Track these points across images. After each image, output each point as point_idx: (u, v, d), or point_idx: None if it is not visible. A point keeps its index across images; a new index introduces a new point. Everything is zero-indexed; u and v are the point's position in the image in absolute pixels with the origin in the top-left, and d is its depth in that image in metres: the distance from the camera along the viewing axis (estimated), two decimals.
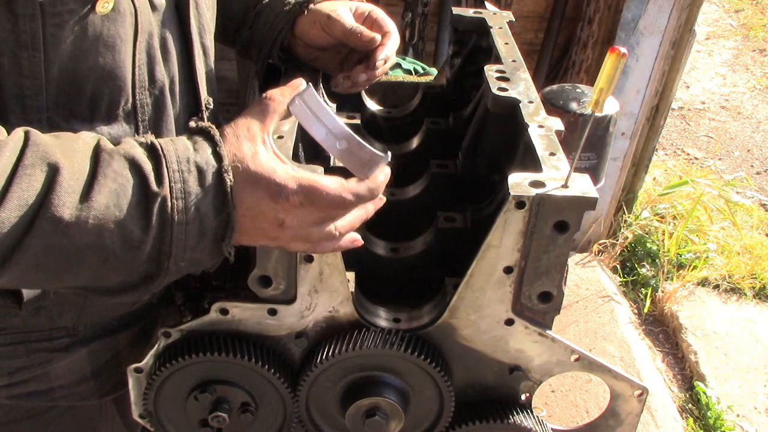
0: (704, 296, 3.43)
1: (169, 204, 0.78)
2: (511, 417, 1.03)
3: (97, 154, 0.78)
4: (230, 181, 0.80)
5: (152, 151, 0.80)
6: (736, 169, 4.73)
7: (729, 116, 5.40)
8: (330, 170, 1.23)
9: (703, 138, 5.09)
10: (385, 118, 1.49)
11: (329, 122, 0.89)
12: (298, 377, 1.02)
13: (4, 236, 0.72)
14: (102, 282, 0.83)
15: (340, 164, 1.25)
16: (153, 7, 0.95)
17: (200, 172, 0.80)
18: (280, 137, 0.99)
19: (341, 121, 0.89)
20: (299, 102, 0.88)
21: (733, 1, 7.37)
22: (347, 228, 0.88)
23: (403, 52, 3.24)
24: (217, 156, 0.81)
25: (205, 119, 1.12)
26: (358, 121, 1.40)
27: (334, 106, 1.34)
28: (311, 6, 1.19)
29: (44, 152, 0.75)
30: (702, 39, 6.45)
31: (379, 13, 1.18)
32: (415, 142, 1.40)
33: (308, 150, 1.23)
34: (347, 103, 1.44)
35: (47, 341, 1.08)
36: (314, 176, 0.84)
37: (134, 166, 0.78)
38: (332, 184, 0.84)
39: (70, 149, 0.77)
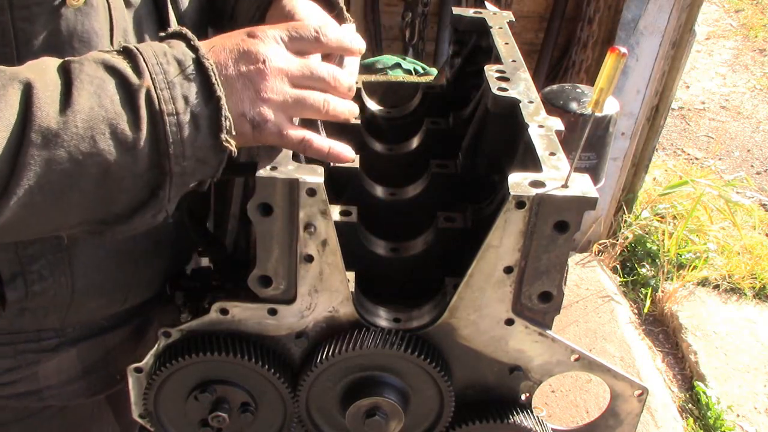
0: (704, 296, 3.43)
1: (155, 95, 0.77)
2: (511, 417, 1.03)
3: (65, 66, 0.77)
4: (211, 66, 0.79)
5: (126, 52, 0.79)
6: (736, 169, 4.73)
7: (729, 116, 5.40)
8: (331, 170, 1.24)
9: (703, 138, 5.09)
10: (385, 118, 1.49)
11: None
12: (298, 377, 1.02)
13: None
14: (111, 203, 0.80)
15: (341, 164, 1.26)
16: (127, 3, 0.94)
17: (179, 63, 0.79)
18: None
19: None
20: None
21: (733, 1, 7.37)
22: (335, 76, 0.88)
23: (403, 52, 3.24)
24: (193, 48, 0.81)
25: None
26: (358, 122, 1.40)
27: None
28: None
29: (12, 73, 0.73)
30: (702, 39, 6.45)
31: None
32: (415, 142, 1.40)
33: None
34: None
35: (35, 342, 1.07)
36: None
37: (108, 67, 0.77)
38: (313, 22, 0.87)
39: (38, 67, 0.76)
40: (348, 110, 0.93)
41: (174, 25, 1.03)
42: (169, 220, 0.88)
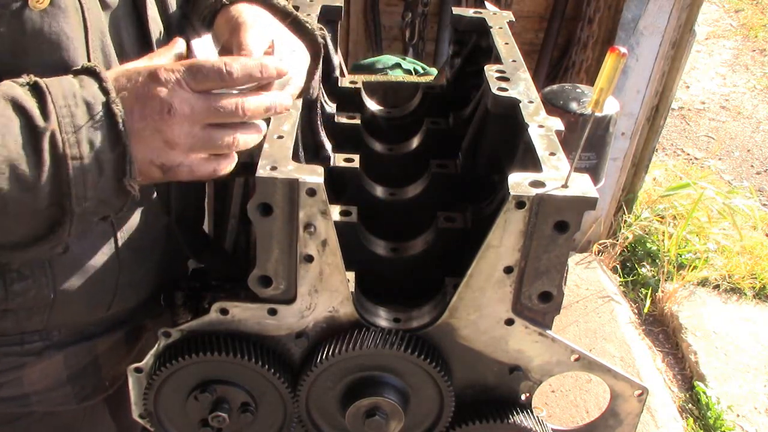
0: (704, 296, 3.43)
1: (59, 138, 0.77)
2: (511, 417, 1.03)
3: None
4: (120, 112, 0.79)
5: (35, 89, 0.79)
6: (737, 169, 4.73)
7: (729, 116, 5.40)
8: (331, 170, 1.24)
9: (703, 138, 5.09)
10: (385, 118, 1.49)
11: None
12: (298, 377, 1.02)
13: None
14: (8, 235, 0.81)
15: (339, 164, 1.26)
16: (104, 4, 0.93)
17: (89, 106, 0.79)
18: (280, 137, 0.99)
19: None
20: (198, 41, 0.92)
21: (733, 1, 7.37)
22: (238, 113, 0.85)
23: (403, 52, 3.24)
24: (104, 90, 0.80)
25: None
26: (358, 121, 1.40)
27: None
28: (230, 9, 1.08)
29: None
30: (702, 39, 6.45)
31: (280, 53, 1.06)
32: (415, 142, 1.40)
33: (308, 151, 1.23)
34: (348, 104, 1.44)
35: (18, 345, 1.05)
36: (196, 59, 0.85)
37: (16, 105, 0.77)
38: (215, 60, 0.84)
39: None
40: (254, 139, 0.91)
41: (153, 25, 1.02)
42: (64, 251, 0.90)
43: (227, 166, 0.90)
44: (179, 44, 0.91)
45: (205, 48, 0.93)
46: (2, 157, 0.75)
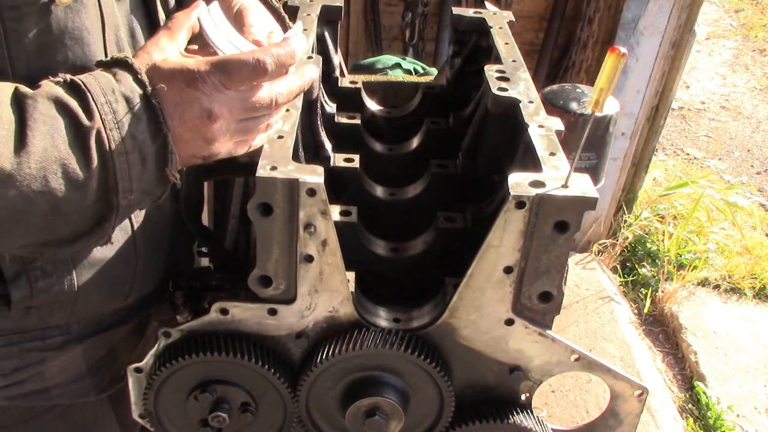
0: (704, 296, 3.43)
1: (105, 135, 0.78)
2: (511, 417, 1.03)
3: (19, 101, 0.77)
4: (157, 103, 0.81)
5: (74, 88, 0.80)
6: (737, 169, 4.73)
7: (729, 116, 5.40)
8: (331, 170, 1.24)
9: (703, 138, 5.09)
10: (385, 118, 1.49)
11: (234, 38, 0.92)
12: (298, 377, 1.02)
13: None
14: (55, 233, 0.83)
15: (339, 164, 1.26)
16: None
17: (128, 101, 0.80)
18: (280, 137, 0.99)
19: (244, 40, 0.93)
20: (207, 15, 0.92)
21: (733, 1, 7.38)
22: (274, 103, 0.88)
23: (403, 52, 3.24)
24: (140, 83, 0.81)
25: None
26: (358, 121, 1.40)
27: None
28: None
29: None
30: (702, 39, 6.45)
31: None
32: (415, 142, 1.40)
33: (308, 151, 1.23)
34: (348, 104, 1.44)
35: (40, 340, 1.07)
36: (226, 56, 0.85)
37: (60, 105, 0.78)
38: (245, 54, 0.84)
39: None
40: (281, 115, 0.95)
41: (162, 16, 1.03)
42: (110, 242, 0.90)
43: (261, 140, 0.93)
44: (192, 18, 0.91)
45: (215, 22, 0.93)
46: (54, 157, 0.76)
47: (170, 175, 0.84)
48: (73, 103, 0.78)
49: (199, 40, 0.95)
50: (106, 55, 0.92)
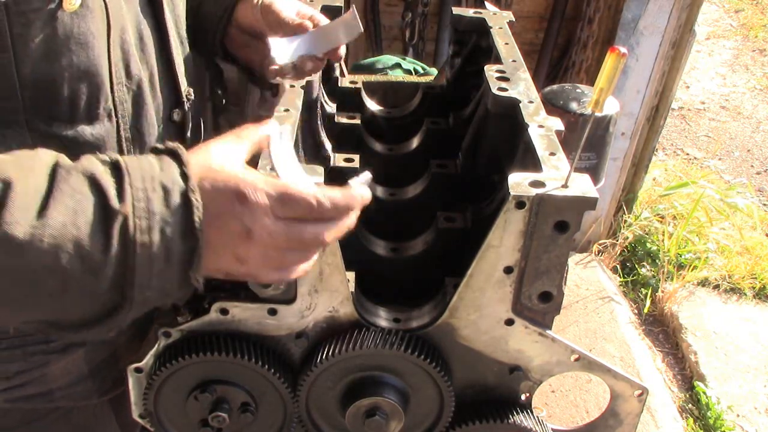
0: (704, 296, 3.43)
1: (131, 223, 0.73)
2: (511, 417, 1.03)
3: (54, 170, 0.74)
4: (197, 201, 0.75)
5: (115, 168, 0.76)
6: (736, 169, 4.73)
7: (729, 116, 5.40)
8: (331, 170, 1.24)
9: (703, 138, 5.09)
10: (385, 118, 1.49)
11: (296, 167, 0.89)
12: (298, 377, 1.02)
13: None
14: (64, 314, 0.78)
15: (339, 164, 1.26)
16: None
17: (166, 192, 0.75)
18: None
19: (305, 173, 0.89)
20: (277, 136, 0.88)
21: (733, 1, 7.38)
22: (318, 243, 0.83)
23: (403, 52, 3.24)
24: (184, 176, 0.76)
25: (187, 111, 1.11)
26: (358, 121, 1.40)
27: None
28: None
29: None
30: (702, 39, 6.45)
31: (321, 18, 1.14)
32: (415, 142, 1.40)
33: (308, 151, 1.23)
34: (348, 103, 1.45)
35: (44, 344, 1.07)
36: (288, 182, 0.79)
37: (94, 183, 0.74)
38: (307, 188, 0.80)
39: (26, 166, 0.73)
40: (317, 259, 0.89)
41: (168, 15, 1.03)
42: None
43: (296, 273, 0.86)
44: (262, 134, 0.87)
45: (283, 147, 0.89)
46: (71, 235, 0.71)
47: (194, 279, 0.78)
48: (108, 183, 0.74)
49: (261, 160, 0.91)
50: (109, 60, 0.92)
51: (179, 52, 1.08)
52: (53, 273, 0.72)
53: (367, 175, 0.86)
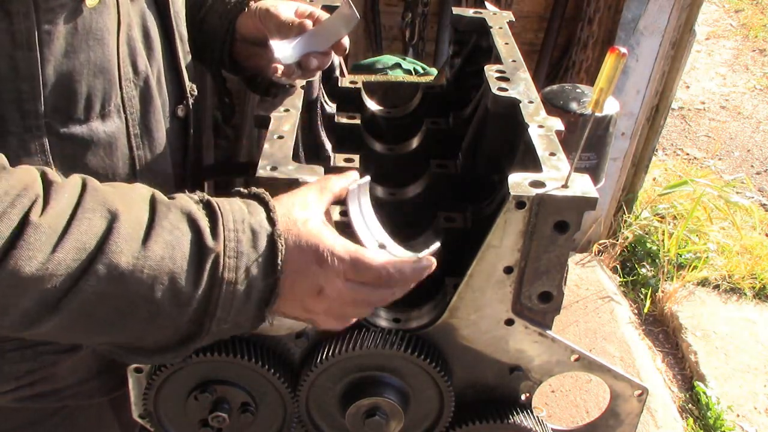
0: (704, 296, 3.43)
1: (222, 262, 0.77)
2: (511, 417, 1.03)
3: (153, 205, 0.77)
4: (282, 245, 0.80)
5: (209, 208, 0.80)
6: (737, 169, 4.73)
7: (729, 116, 5.40)
8: (329, 170, 1.24)
9: (703, 138, 5.09)
10: (385, 118, 1.49)
11: (371, 222, 0.93)
12: (298, 377, 1.02)
13: (60, 278, 0.70)
14: (144, 340, 0.81)
15: (339, 164, 1.26)
16: None
17: (254, 234, 0.79)
18: (280, 137, 0.99)
19: (380, 227, 0.93)
20: (356, 189, 0.92)
21: (733, 1, 7.38)
22: (381, 304, 0.89)
23: (403, 52, 3.24)
24: (271, 221, 0.81)
25: (191, 106, 1.13)
26: (358, 121, 1.40)
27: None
28: (252, 4, 1.17)
29: (104, 198, 0.74)
30: (702, 39, 6.45)
31: (321, 13, 1.16)
32: (415, 142, 1.40)
33: (309, 151, 1.23)
34: (348, 104, 1.44)
35: (53, 344, 1.07)
36: (362, 249, 0.85)
37: (191, 220, 0.78)
38: (379, 257, 0.85)
39: (128, 198, 0.76)
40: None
41: (173, 12, 1.04)
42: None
43: (347, 325, 0.91)
44: (343, 185, 0.91)
45: (360, 200, 0.94)
46: (168, 268, 0.75)
47: (267, 317, 0.83)
48: (203, 222, 0.78)
49: (340, 208, 0.96)
50: (118, 56, 0.93)
51: (180, 48, 1.09)
52: (147, 302, 0.75)
53: (436, 246, 0.90)
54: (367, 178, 0.94)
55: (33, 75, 0.84)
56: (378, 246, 0.90)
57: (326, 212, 0.87)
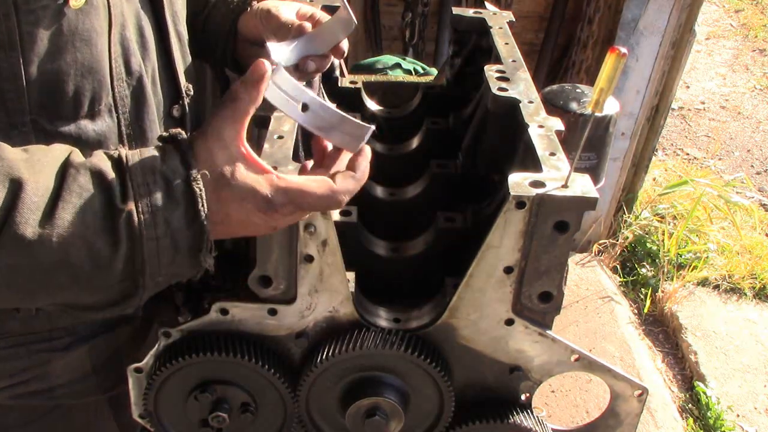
0: (704, 296, 3.43)
1: (136, 219, 0.75)
2: (511, 417, 1.03)
3: (65, 168, 0.75)
4: (199, 190, 0.77)
5: (119, 164, 0.77)
6: (737, 169, 4.73)
7: (729, 116, 5.40)
8: None
9: (703, 138, 5.09)
10: (385, 118, 1.49)
11: (308, 100, 0.88)
12: (298, 377, 1.02)
13: None
14: (82, 301, 0.81)
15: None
16: None
17: (167, 183, 0.77)
18: (281, 137, 0.99)
19: (319, 97, 0.89)
20: (273, 87, 0.85)
21: (733, 1, 7.38)
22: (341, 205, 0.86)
23: (403, 52, 3.24)
24: (185, 163, 0.78)
25: (186, 106, 1.12)
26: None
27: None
28: (254, 4, 1.17)
29: (8, 167, 0.72)
30: (702, 39, 6.45)
31: (322, 15, 1.16)
32: (415, 142, 1.40)
33: (309, 151, 1.23)
34: (348, 103, 1.44)
35: (47, 341, 1.07)
36: (300, 181, 0.81)
37: (100, 181, 0.75)
38: (320, 187, 0.82)
39: (38, 164, 0.74)
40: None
41: (167, 12, 1.04)
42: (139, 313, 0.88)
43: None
44: (263, 69, 0.83)
45: (282, 89, 0.87)
46: (80, 233, 0.74)
47: (203, 261, 0.81)
48: (114, 181, 0.76)
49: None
50: (110, 56, 0.93)
51: (177, 48, 1.08)
52: (63, 268, 0.74)
53: (368, 151, 0.88)
54: (273, 67, 0.85)
55: (16, 75, 0.83)
56: (301, 108, 0.86)
57: (241, 138, 0.81)
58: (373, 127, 0.87)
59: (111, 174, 0.76)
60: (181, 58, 1.10)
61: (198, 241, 0.79)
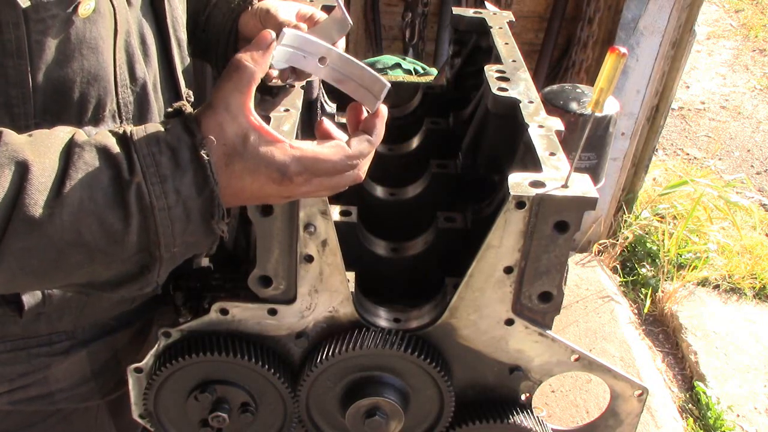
0: (704, 296, 3.43)
1: (146, 190, 0.75)
2: (511, 417, 1.03)
3: (69, 147, 0.76)
4: (206, 155, 0.77)
5: (123, 139, 0.78)
6: (737, 169, 4.73)
7: (729, 116, 5.40)
8: None
9: (703, 138, 5.09)
10: None
11: (325, 52, 0.87)
12: (298, 377, 1.02)
13: None
14: (99, 278, 0.81)
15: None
16: (129, 2, 0.95)
17: (173, 152, 0.77)
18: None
19: (336, 48, 0.88)
20: (282, 49, 0.84)
21: (733, 1, 7.37)
22: (359, 175, 0.86)
23: (403, 52, 3.24)
24: (189, 132, 0.78)
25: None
26: None
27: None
28: (255, 3, 1.17)
29: (13, 151, 0.73)
30: (702, 39, 6.45)
31: (321, 15, 1.15)
32: (415, 142, 1.40)
33: None
34: (348, 103, 1.44)
35: (47, 346, 1.07)
36: (314, 148, 0.81)
37: (106, 156, 0.76)
38: (335, 153, 0.81)
39: (42, 145, 0.75)
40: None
41: (169, 19, 1.04)
42: (158, 291, 0.88)
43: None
44: (268, 37, 0.83)
45: (298, 53, 0.87)
46: (89, 210, 0.74)
47: (217, 229, 0.81)
48: (120, 155, 0.76)
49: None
50: (115, 63, 0.93)
51: (177, 53, 1.08)
52: (77, 246, 0.75)
53: (384, 110, 0.88)
54: (279, 34, 0.84)
55: (23, 82, 0.84)
56: (318, 62, 0.86)
57: (248, 107, 0.80)
58: (389, 85, 0.86)
59: (116, 149, 0.76)
60: (182, 64, 1.11)
61: (209, 207, 0.79)
